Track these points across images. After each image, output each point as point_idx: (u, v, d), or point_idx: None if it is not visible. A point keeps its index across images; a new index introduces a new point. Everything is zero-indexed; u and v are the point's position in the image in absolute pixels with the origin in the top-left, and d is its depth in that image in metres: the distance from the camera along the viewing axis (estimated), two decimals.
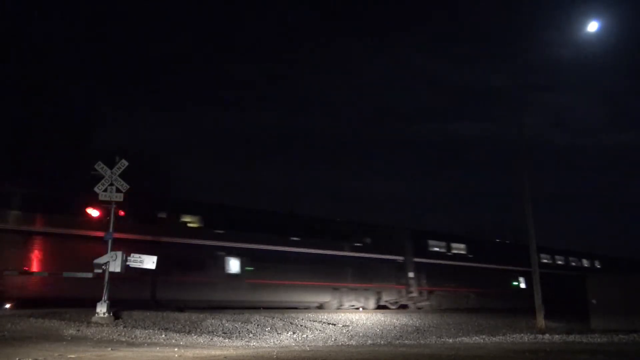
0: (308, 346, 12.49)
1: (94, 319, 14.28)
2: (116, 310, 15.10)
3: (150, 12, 67.48)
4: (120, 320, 14.63)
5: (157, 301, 18.97)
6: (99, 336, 12.32)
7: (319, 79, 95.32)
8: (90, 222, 18.11)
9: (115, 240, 15.24)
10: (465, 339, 15.50)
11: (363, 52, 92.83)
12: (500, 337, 16.23)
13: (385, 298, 27.32)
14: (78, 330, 12.76)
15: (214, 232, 22.17)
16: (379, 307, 26.70)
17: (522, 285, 35.44)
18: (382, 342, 14.94)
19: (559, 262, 40.30)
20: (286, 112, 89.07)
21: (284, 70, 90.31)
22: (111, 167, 15.39)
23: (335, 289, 25.20)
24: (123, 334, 12.83)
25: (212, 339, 13.24)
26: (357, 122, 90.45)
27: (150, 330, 13.46)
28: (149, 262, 15.33)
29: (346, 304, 25.49)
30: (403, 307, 27.86)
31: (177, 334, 13.30)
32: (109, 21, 56.08)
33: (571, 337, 15.84)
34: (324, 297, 24.85)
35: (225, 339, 13.60)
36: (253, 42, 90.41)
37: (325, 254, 25.24)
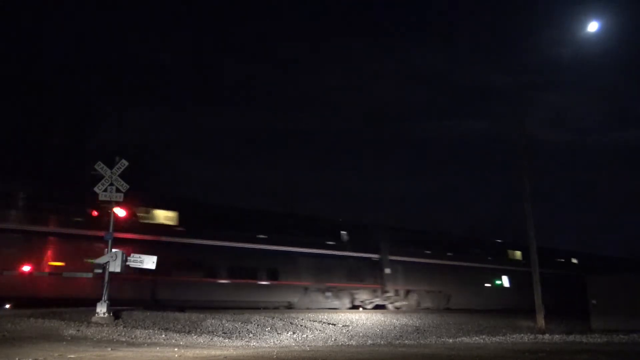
0: (308, 346, 12.49)
1: (94, 319, 14.26)
2: (116, 310, 15.09)
3: (148, 12, 67.51)
4: (120, 320, 14.61)
5: None
6: (99, 336, 12.30)
7: (317, 77, 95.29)
8: None
9: None
10: (465, 339, 15.50)
11: (361, 50, 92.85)
12: (501, 337, 16.22)
13: None
14: (78, 330, 12.74)
15: None
16: None
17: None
18: (382, 342, 14.93)
19: (555, 262, 39.73)
20: (284, 111, 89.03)
21: (282, 68, 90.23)
22: (111, 167, 15.40)
23: None
24: (123, 334, 12.82)
25: (212, 339, 13.24)
26: (356, 120, 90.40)
27: (150, 330, 13.45)
28: (149, 262, 15.29)
29: None
30: None
31: (177, 334, 13.29)
32: (108, 21, 56.14)
33: (571, 337, 15.86)
34: None
35: (225, 339, 13.59)
36: (251, 41, 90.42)
37: None
